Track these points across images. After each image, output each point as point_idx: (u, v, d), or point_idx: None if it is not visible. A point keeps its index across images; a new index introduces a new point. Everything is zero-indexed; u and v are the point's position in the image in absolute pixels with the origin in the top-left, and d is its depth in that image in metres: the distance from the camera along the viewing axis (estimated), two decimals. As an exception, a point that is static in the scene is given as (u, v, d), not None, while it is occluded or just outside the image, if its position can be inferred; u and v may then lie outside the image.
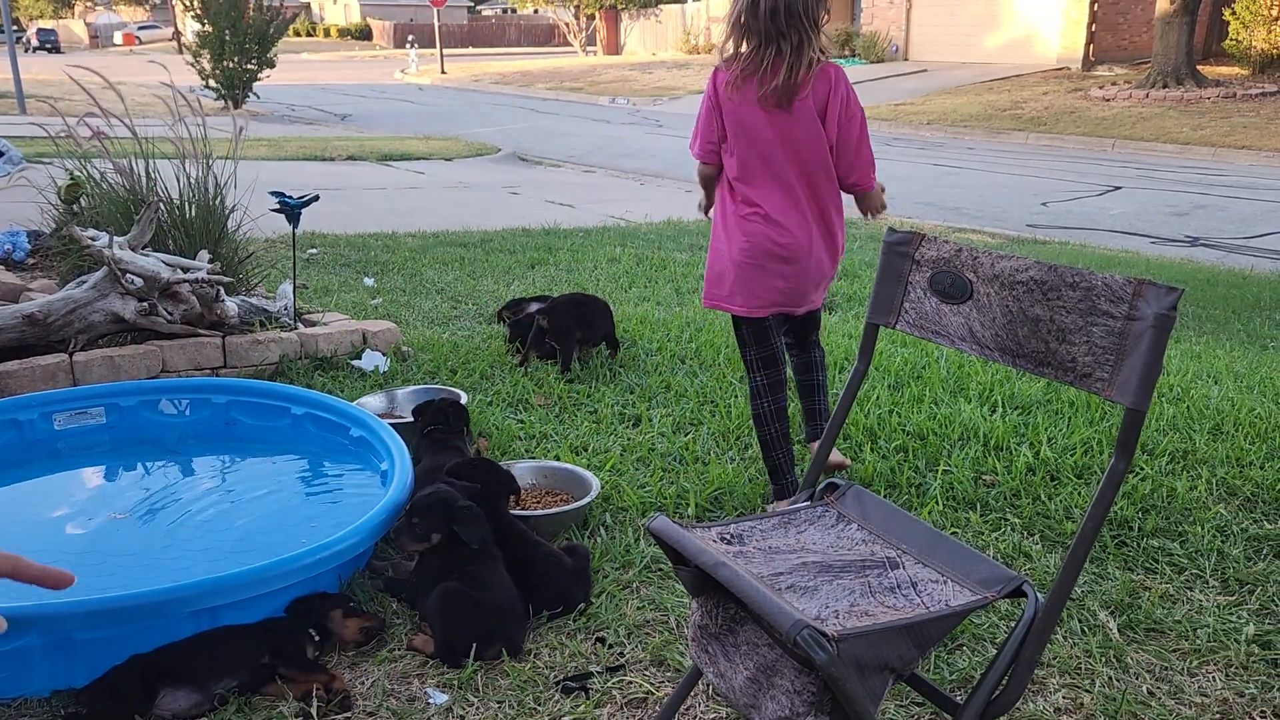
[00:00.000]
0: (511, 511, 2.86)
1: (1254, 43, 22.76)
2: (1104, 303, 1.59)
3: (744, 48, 2.92)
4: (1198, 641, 2.48)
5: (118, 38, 59.98)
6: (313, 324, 4.55)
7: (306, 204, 4.26)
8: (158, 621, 2.20)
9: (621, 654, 2.40)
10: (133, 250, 4.23)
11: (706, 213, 3.24)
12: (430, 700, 2.23)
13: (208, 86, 18.91)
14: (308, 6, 71.55)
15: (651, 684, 2.29)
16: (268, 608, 2.33)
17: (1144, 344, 1.53)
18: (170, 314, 4.12)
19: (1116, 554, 2.90)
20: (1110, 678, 2.33)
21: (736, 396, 4.07)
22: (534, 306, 4.89)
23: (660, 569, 2.79)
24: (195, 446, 3.42)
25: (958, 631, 2.47)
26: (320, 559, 2.40)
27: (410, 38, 43.62)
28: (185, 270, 4.27)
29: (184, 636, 2.22)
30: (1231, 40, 23.21)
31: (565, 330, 4.32)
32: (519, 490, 2.87)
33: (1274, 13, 22.49)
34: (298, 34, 61.77)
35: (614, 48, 42.35)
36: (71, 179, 5.39)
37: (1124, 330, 1.56)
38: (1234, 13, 22.97)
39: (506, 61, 39.76)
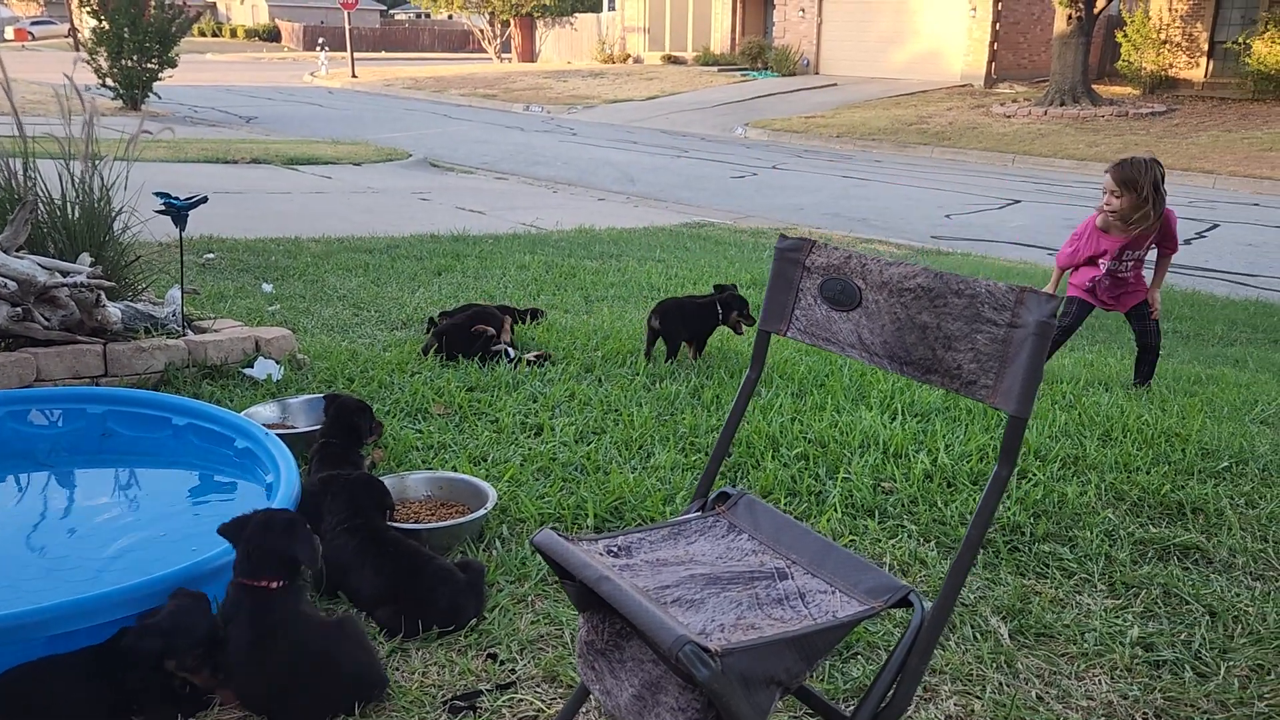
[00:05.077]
0: (401, 525, 2.78)
1: (1144, 64, 23.81)
2: (988, 310, 1.59)
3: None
4: (1085, 645, 2.52)
5: (9, 33, 57.42)
6: (203, 331, 4.37)
7: (193, 205, 4.09)
8: (12, 647, 2.05)
9: (513, 670, 2.34)
10: (5, 252, 4.01)
11: None
12: (310, 724, 2.12)
13: (104, 85, 18.20)
14: (213, 6, 69.70)
15: (543, 701, 2.23)
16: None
17: (1025, 351, 1.54)
18: (47, 320, 3.91)
19: (1009, 559, 2.94)
20: (1001, 683, 2.35)
21: (641, 405, 4.03)
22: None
23: (557, 581, 2.72)
24: (68, 459, 3.23)
25: (853, 640, 2.46)
26: (193, 578, 2.27)
27: (320, 40, 42.80)
28: (65, 274, 4.06)
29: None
30: (1124, 61, 24.24)
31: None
32: (392, 505, 2.77)
33: (1162, 36, 23.56)
34: (203, 34, 60.09)
35: (529, 55, 42.19)
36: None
37: (1007, 337, 1.57)
38: (1126, 35, 23.99)
39: (419, 66, 39.27)
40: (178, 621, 2.10)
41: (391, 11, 71.80)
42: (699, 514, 1.94)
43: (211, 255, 6.97)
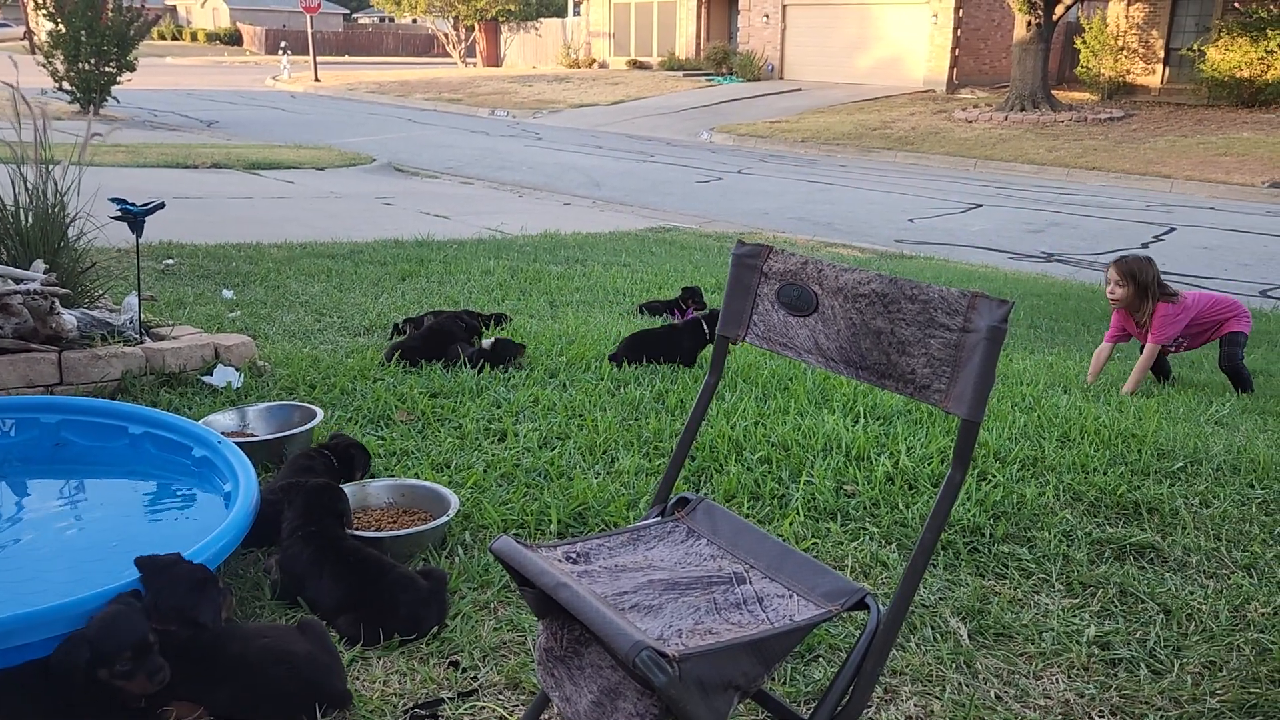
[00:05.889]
0: (362, 533, 2.76)
1: (1102, 70, 24.20)
2: (941, 315, 1.60)
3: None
4: (1043, 645, 2.55)
5: (-37, 36, 56.38)
6: (161, 338, 4.32)
7: (150, 211, 4.03)
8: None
9: (475, 678, 2.32)
10: (-44, 259, 3.93)
11: None
12: (268, 736, 2.10)
13: (61, 89, 17.93)
14: (173, 9, 68.88)
15: (505, 709, 2.22)
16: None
17: (977, 356, 1.55)
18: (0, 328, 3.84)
19: (969, 560, 2.97)
20: (960, 683, 2.37)
21: (605, 410, 4.03)
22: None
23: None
24: (20, 469, 3.17)
25: (814, 642, 2.48)
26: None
27: (283, 44, 42.45)
28: (17, 281, 4.00)
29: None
30: (1082, 67, 24.63)
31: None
32: (348, 512, 2.73)
33: (1119, 43, 23.94)
34: (163, 37, 59.35)
35: (493, 60, 42.09)
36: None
37: (959, 342, 1.58)
38: (1084, 42, 24.37)
39: (383, 71, 39.04)
40: (105, 629, 2.05)
41: (355, 15, 71.38)
42: (658, 519, 1.95)
43: (171, 261, 6.89)
